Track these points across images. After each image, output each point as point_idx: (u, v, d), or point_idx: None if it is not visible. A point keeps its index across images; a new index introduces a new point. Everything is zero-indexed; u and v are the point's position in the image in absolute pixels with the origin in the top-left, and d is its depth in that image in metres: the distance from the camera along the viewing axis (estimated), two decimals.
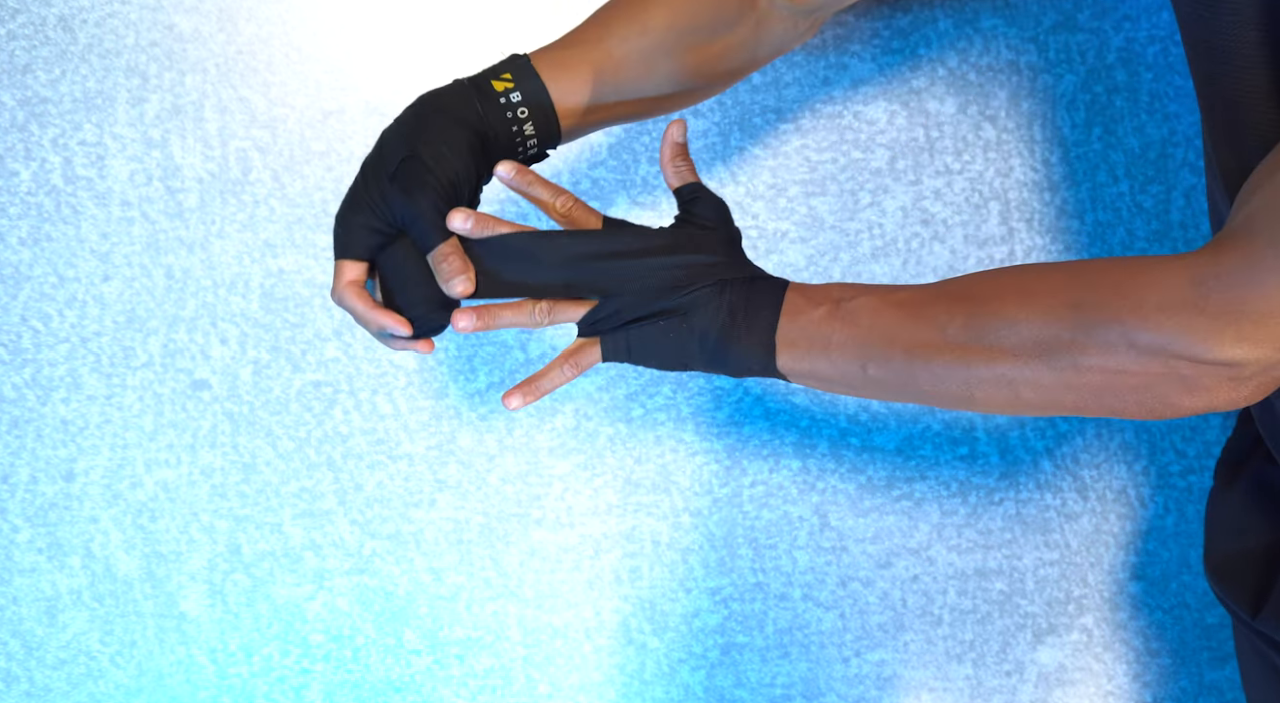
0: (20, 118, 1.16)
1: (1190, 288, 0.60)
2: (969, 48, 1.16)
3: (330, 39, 1.16)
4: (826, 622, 1.25)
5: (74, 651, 1.25)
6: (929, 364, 0.66)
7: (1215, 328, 0.59)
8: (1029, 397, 0.65)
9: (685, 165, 0.75)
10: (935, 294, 0.68)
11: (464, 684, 1.26)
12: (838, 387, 0.71)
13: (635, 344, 0.72)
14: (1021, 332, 0.63)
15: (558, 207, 0.74)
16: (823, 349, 0.69)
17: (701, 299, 0.70)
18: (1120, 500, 1.24)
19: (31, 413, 1.21)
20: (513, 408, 0.73)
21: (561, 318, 0.73)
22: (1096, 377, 0.62)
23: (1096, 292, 0.62)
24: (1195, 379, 0.61)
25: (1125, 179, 1.18)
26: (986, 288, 0.67)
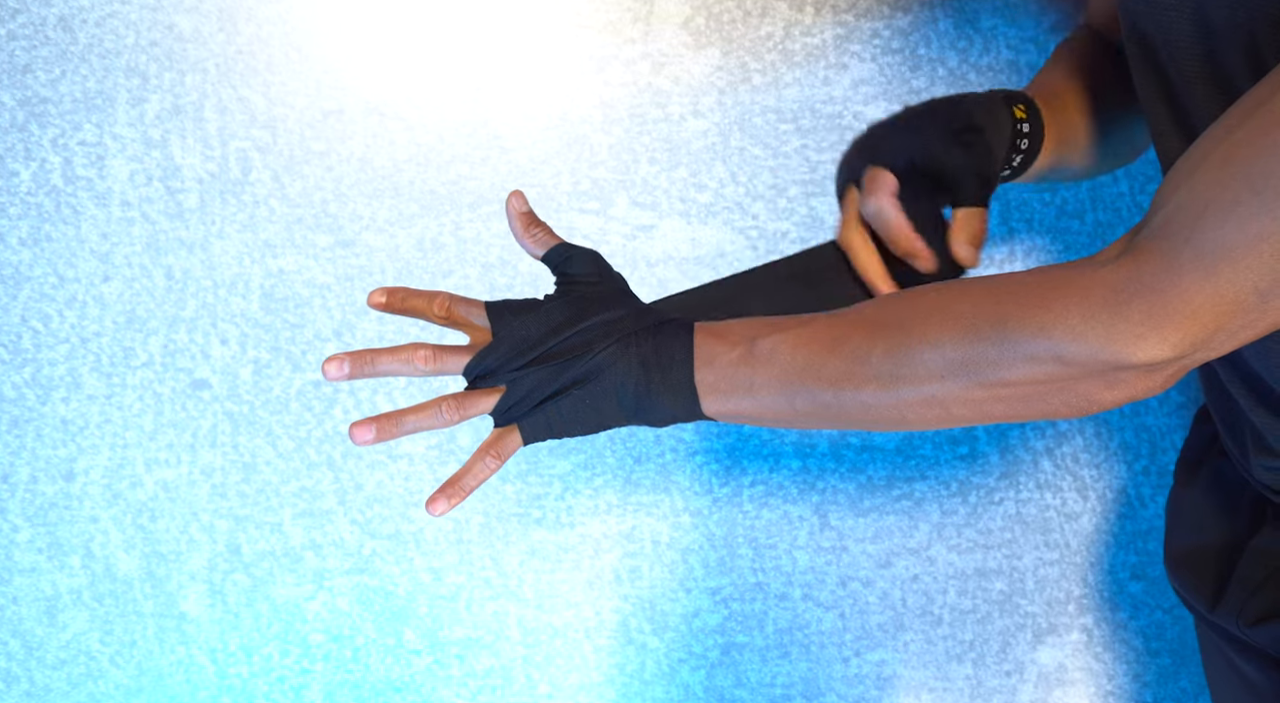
0: (20, 118, 1.16)
1: (1112, 296, 0.61)
2: (969, 48, 1.16)
3: (330, 39, 1.16)
4: (826, 622, 1.25)
5: (74, 651, 1.25)
6: (858, 394, 0.67)
7: (1138, 333, 0.60)
8: (960, 413, 0.66)
9: (540, 231, 0.74)
10: (852, 323, 0.68)
11: (464, 684, 1.26)
12: (768, 423, 0.71)
13: (555, 420, 0.70)
14: (946, 352, 0.65)
15: (434, 310, 0.72)
16: (746, 391, 0.69)
17: (609, 358, 0.69)
18: (1120, 500, 1.24)
19: (31, 413, 1.21)
20: (437, 514, 0.70)
21: (471, 410, 0.70)
22: (1025, 388, 0.64)
23: (1019, 305, 0.63)
24: (1116, 377, 0.63)
25: (1125, 179, 1.18)
26: (905, 311, 0.67)
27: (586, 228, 1.18)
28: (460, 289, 1.19)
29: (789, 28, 1.15)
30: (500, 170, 1.18)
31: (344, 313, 1.20)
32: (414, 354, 0.70)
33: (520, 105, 1.17)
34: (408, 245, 1.19)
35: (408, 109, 1.17)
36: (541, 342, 0.69)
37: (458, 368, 0.71)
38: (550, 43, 1.16)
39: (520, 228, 0.74)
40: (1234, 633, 0.83)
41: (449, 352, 0.71)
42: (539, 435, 0.71)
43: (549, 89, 1.17)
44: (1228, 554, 0.84)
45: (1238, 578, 0.82)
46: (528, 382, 0.69)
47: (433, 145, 1.17)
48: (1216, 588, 0.84)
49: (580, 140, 1.17)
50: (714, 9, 1.15)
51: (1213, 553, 0.85)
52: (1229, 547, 0.84)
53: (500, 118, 1.17)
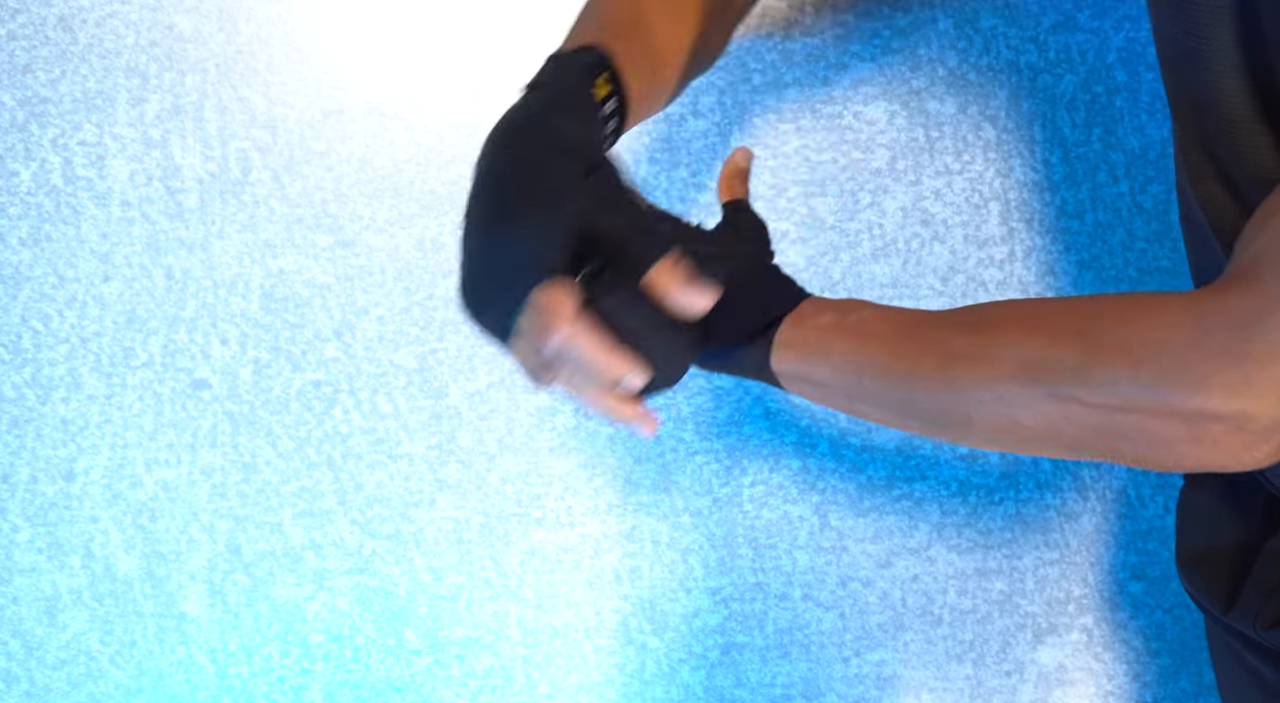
0: (20, 118, 1.16)
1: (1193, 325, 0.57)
2: (969, 48, 1.16)
3: (330, 39, 1.16)
4: (826, 622, 1.25)
5: (74, 651, 1.25)
6: (928, 380, 0.65)
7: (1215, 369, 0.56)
8: (1028, 423, 0.62)
9: (740, 186, 0.77)
10: (944, 316, 0.67)
11: (464, 684, 1.26)
12: (830, 396, 0.69)
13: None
14: (1023, 352, 0.62)
15: None
16: (822, 354, 0.68)
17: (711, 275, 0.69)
18: (1120, 500, 1.24)
19: (31, 413, 1.21)
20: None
21: None
22: (1098, 411, 0.59)
23: (1104, 322, 0.60)
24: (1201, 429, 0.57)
25: (1125, 179, 1.18)
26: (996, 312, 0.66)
27: None
28: None
29: (789, 28, 1.15)
30: None
31: (344, 313, 1.20)
32: None
33: None
34: (408, 245, 1.19)
35: (408, 109, 1.17)
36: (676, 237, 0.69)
37: None
38: (550, 43, 1.16)
39: (728, 173, 0.76)
40: (1250, 635, 0.82)
41: None
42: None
43: None
44: (1241, 556, 0.83)
45: (1253, 580, 0.81)
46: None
47: (433, 145, 1.17)
48: (1230, 590, 0.83)
49: None
50: None
51: (1226, 555, 0.84)
52: (1243, 549, 0.83)
53: None
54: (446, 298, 1.19)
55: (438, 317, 1.20)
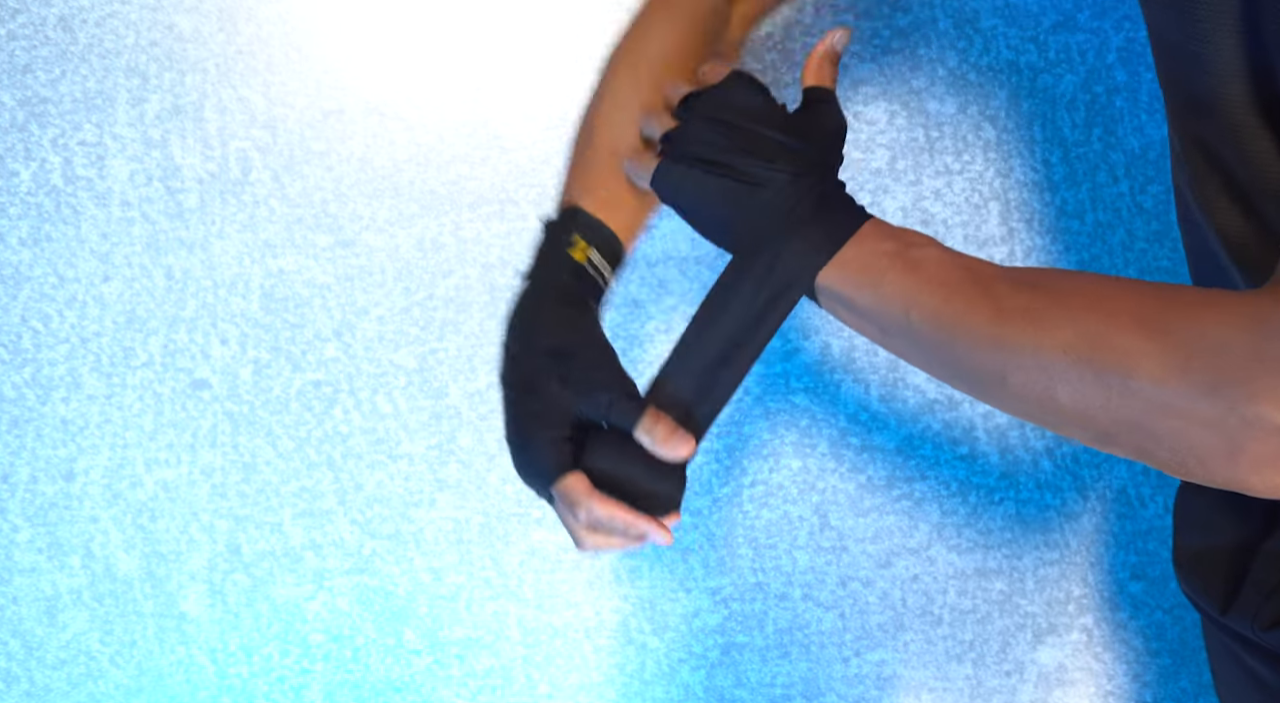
0: (20, 118, 1.16)
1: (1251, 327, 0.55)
2: (969, 48, 1.16)
3: (330, 39, 1.16)
4: (826, 622, 1.25)
5: (74, 651, 1.25)
6: (975, 331, 0.62)
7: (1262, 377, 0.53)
8: (1064, 400, 0.59)
9: (829, 70, 0.74)
10: (1009, 272, 0.64)
11: (464, 684, 1.26)
12: (869, 325, 0.67)
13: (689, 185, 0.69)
14: (1080, 326, 0.59)
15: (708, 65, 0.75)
16: (874, 281, 0.65)
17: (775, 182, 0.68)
18: (1120, 500, 1.24)
19: (31, 413, 1.21)
20: None
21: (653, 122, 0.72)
22: (1139, 404, 0.57)
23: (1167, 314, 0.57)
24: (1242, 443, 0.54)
25: (1125, 179, 1.18)
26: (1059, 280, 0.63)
27: None
28: (460, 289, 1.19)
29: (789, 28, 1.15)
30: (500, 170, 1.18)
31: (344, 313, 1.20)
32: None
33: (520, 105, 1.17)
34: (408, 245, 1.19)
35: (408, 109, 1.17)
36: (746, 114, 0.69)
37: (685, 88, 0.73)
38: (550, 43, 1.16)
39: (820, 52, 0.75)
40: (1248, 636, 0.82)
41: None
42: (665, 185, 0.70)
43: (549, 89, 1.17)
44: (1239, 557, 0.83)
45: (1252, 581, 0.80)
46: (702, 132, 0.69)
47: (433, 145, 1.17)
48: (1228, 591, 0.82)
49: None
50: None
51: (1224, 555, 0.84)
52: (1241, 549, 0.83)
53: (500, 118, 1.17)
54: (446, 298, 1.19)
55: (438, 317, 1.20)
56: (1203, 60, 0.66)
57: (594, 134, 0.80)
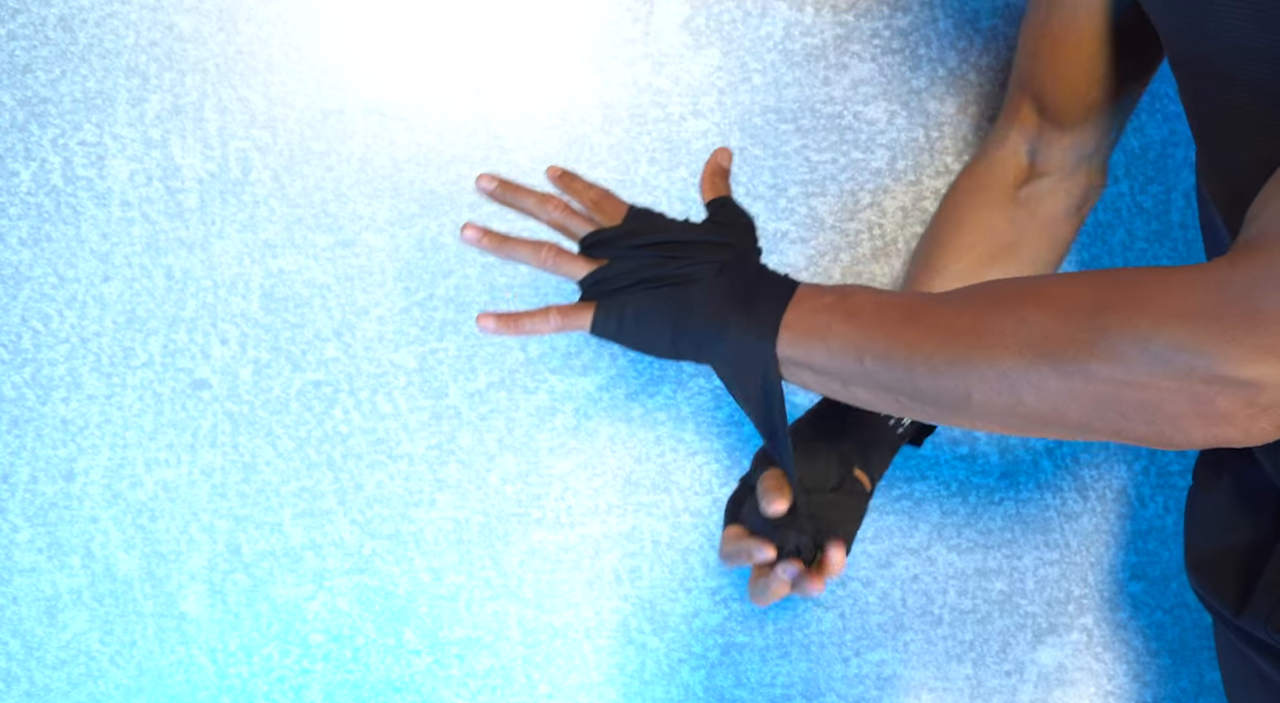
0: (20, 118, 1.16)
1: (1207, 294, 0.57)
2: (969, 48, 1.16)
3: (330, 39, 1.16)
4: (826, 622, 1.25)
5: (74, 651, 1.25)
6: (929, 358, 0.64)
7: (1231, 336, 0.56)
8: (1031, 403, 0.61)
9: (723, 183, 0.78)
10: (947, 297, 0.66)
11: (464, 684, 1.26)
12: (829, 382, 0.69)
13: (629, 314, 0.71)
14: (1031, 328, 0.61)
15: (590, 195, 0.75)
16: (821, 338, 0.67)
17: (706, 272, 0.70)
18: (1120, 500, 1.24)
19: (31, 413, 1.21)
20: (482, 327, 0.72)
21: (565, 268, 0.73)
22: (1105, 387, 0.59)
23: (1111, 294, 0.59)
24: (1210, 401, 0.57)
25: (1125, 179, 1.18)
26: (1000, 290, 0.64)
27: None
28: (460, 289, 1.19)
29: (789, 28, 1.15)
30: (500, 170, 1.18)
31: (344, 313, 1.20)
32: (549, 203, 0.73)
33: (520, 105, 1.17)
34: (408, 245, 1.19)
35: (408, 109, 1.17)
36: (657, 232, 0.71)
37: (580, 231, 0.74)
38: (550, 43, 1.16)
39: (709, 172, 0.78)
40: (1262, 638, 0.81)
41: (578, 215, 0.74)
42: (607, 326, 0.72)
43: (549, 89, 1.17)
44: (1252, 558, 0.82)
45: (1265, 582, 0.80)
46: (626, 263, 0.71)
47: (433, 145, 1.17)
48: (1242, 592, 0.82)
49: (580, 140, 1.17)
50: (714, 9, 1.15)
51: (1237, 556, 0.83)
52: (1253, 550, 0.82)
53: (500, 118, 1.17)
54: (446, 298, 1.19)
55: (438, 317, 1.20)
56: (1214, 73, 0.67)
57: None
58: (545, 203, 0.74)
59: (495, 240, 0.73)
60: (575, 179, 0.77)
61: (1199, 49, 0.68)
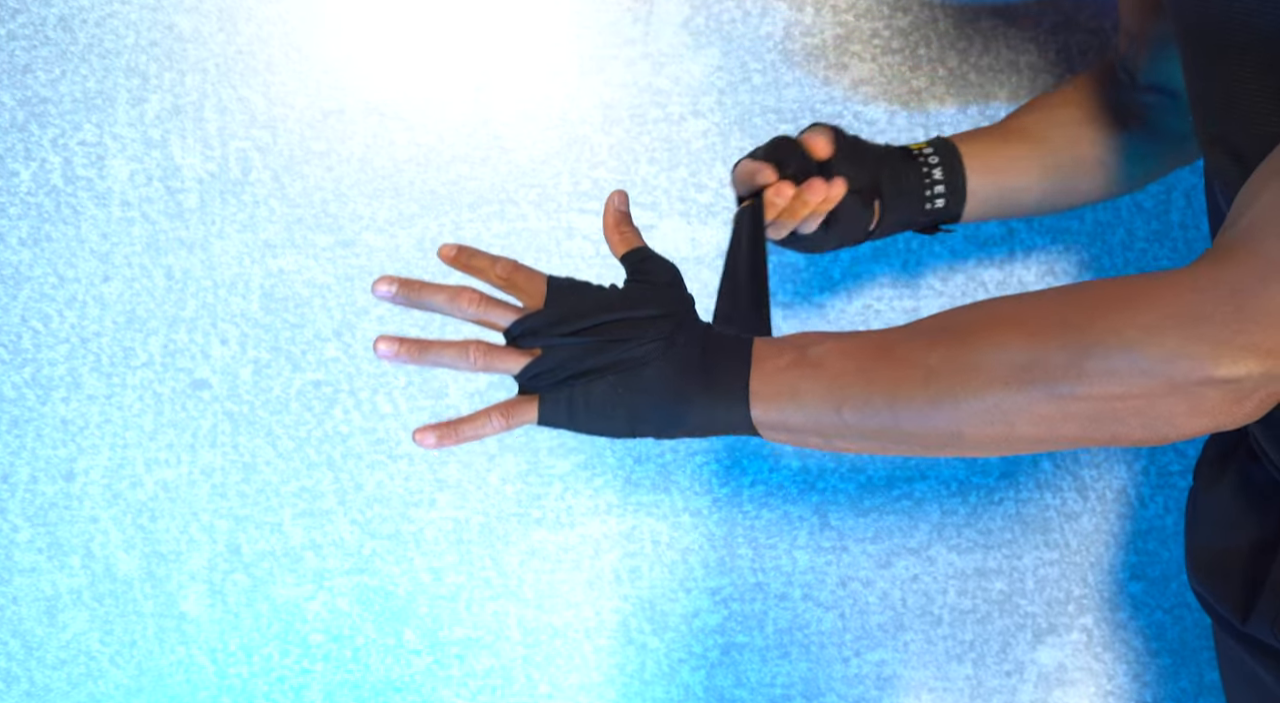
0: (20, 118, 1.16)
1: (1193, 298, 0.57)
2: (969, 48, 1.16)
3: (330, 39, 1.16)
4: (826, 622, 1.25)
5: (74, 651, 1.25)
6: (911, 401, 0.62)
7: (1222, 337, 0.56)
8: (1025, 430, 0.60)
9: (630, 230, 0.73)
10: (911, 331, 0.64)
11: (464, 684, 1.26)
12: (811, 438, 0.66)
13: (579, 404, 0.67)
14: (1013, 356, 0.59)
15: (497, 271, 0.70)
16: (791, 398, 0.65)
17: (653, 351, 0.66)
18: (1120, 500, 1.24)
19: (31, 413, 1.21)
20: (426, 447, 0.67)
21: (497, 365, 0.68)
22: (1097, 402, 0.58)
23: (1091, 310, 0.59)
24: (1200, 396, 0.57)
25: None
26: (969, 318, 0.63)
27: (586, 228, 1.18)
28: None
29: (789, 28, 1.15)
30: (500, 170, 1.18)
31: (344, 313, 1.20)
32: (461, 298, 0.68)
33: (520, 105, 1.17)
34: (408, 245, 1.19)
35: (408, 109, 1.17)
36: (589, 315, 0.66)
37: (503, 322, 0.68)
38: (550, 43, 1.16)
39: (612, 222, 0.73)
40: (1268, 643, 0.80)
41: (496, 304, 0.68)
42: (556, 417, 0.67)
43: (549, 89, 1.17)
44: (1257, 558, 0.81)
45: (1272, 584, 0.78)
46: (563, 352, 0.66)
47: (433, 145, 1.17)
48: (1247, 595, 0.81)
49: (580, 140, 1.17)
50: (714, 9, 1.15)
51: (1241, 557, 0.82)
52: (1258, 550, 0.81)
53: (500, 118, 1.17)
54: None
55: (438, 317, 1.20)
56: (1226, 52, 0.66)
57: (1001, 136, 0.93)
58: (456, 298, 0.68)
59: (414, 349, 0.67)
60: (476, 255, 0.70)
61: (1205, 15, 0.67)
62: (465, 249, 0.70)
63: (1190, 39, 0.71)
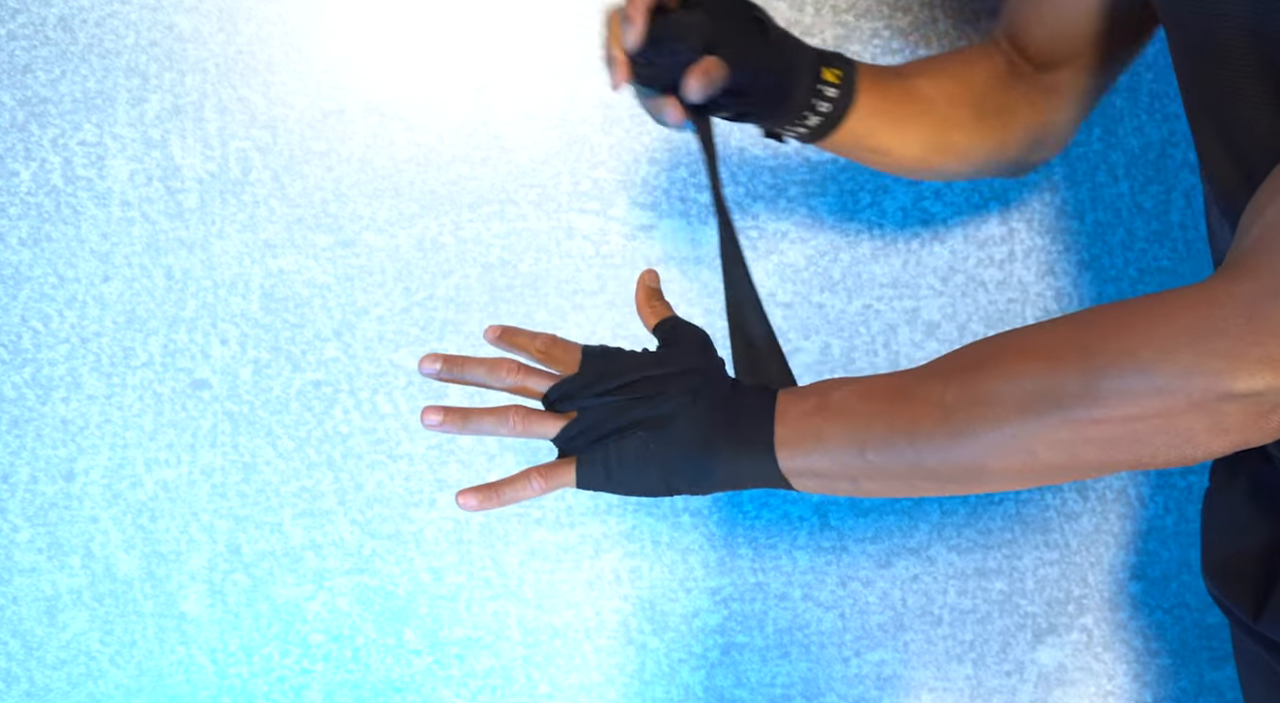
0: (20, 118, 1.16)
1: (1206, 313, 0.57)
2: None
3: (330, 39, 1.16)
4: (826, 622, 1.25)
5: (74, 651, 1.25)
6: (931, 438, 0.62)
7: (1237, 351, 0.55)
8: (1048, 458, 0.60)
9: (660, 304, 0.76)
10: (926, 370, 0.65)
11: (464, 684, 1.26)
12: (839, 483, 0.67)
13: (614, 464, 0.69)
14: (1025, 385, 0.59)
15: (536, 345, 0.73)
16: (815, 442, 0.66)
17: (680, 405, 0.68)
18: (1120, 500, 1.24)
19: (31, 413, 1.21)
20: (469, 509, 0.70)
21: (536, 429, 0.70)
22: (1115, 425, 0.58)
23: (1103, 333, 0.59)
24: (1219, 413, 0.57)
25: (1125, 179, 1.18)
26: (980, 352, 0.63)
27: (586, 228, 1.18)
28: (460, 289, 1.19)
29: (789, 28, 1.15)
30: (500, 170, 1.18)
31: (344, 313, 1.20)
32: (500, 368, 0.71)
33: (520, 105, 1.17)
34: (408, 245, 1.19)
35: (408, 109, 1.17)
36: (620, 374, 0.69)
37: (540, 388, 0.71)
38: (550, 43, 1.16)
39: (644, 298, 0.77)
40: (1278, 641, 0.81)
41: (534, 372, 0.72)
42: (594, 479, 0.70)
43: (549, 89, 1.17)
44: (1269, 558, 0.82)
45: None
46: (597, 412, 0.69)
47: (433, 145, 1.17)
48: (1260, 594, 0.81)
49: (580, 140, 1.17)
50: None
51: (1254, 558, 0.82)
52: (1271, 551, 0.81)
53: (500, 118, 1.17)
54: (446, 298, 1.19)
55: (438, 317, 1.20)
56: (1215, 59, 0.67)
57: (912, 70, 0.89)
58: (496, 370, 0.72)
59: (458, 418, 0.70)
60: (517, 333, 0.74)
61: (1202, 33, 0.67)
62: (508, 330, 0.74)
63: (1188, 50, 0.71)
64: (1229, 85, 0.67)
